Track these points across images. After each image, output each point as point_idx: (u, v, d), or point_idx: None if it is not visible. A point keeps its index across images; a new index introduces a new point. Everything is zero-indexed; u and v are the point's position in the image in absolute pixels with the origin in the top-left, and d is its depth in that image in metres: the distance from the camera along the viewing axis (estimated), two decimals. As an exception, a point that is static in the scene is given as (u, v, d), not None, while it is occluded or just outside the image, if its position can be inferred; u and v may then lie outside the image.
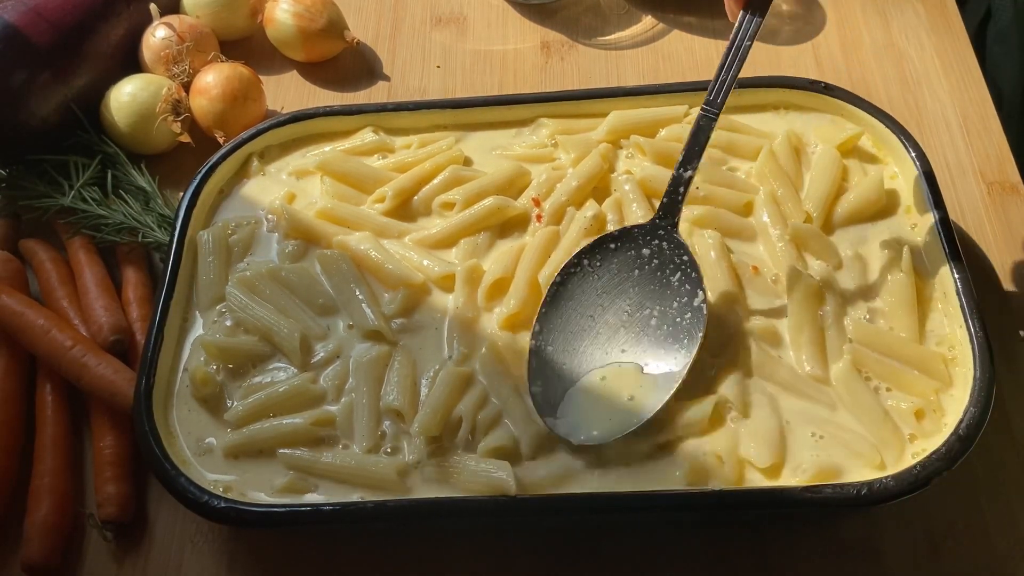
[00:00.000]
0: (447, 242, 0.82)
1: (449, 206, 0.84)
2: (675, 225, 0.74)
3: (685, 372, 0.70)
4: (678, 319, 0.72)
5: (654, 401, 0.69)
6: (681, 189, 0.74)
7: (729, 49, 0.72)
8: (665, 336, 0.72)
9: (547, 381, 0.72)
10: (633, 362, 0.72)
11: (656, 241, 0.74)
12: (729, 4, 0.71)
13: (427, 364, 0.75)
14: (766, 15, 0.71)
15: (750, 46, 0.72)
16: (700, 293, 0.72)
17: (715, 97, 0.73)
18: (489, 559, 0.72)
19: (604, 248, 0.75)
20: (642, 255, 0.74)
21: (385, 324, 0.77)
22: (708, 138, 0.73)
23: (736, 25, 0.72)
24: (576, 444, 0.69)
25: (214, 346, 0.75)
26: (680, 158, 0.74)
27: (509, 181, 0.84)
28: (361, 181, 0.86)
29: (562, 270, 0.75)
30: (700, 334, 0.71)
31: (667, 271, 0.74)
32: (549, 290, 0.74)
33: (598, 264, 0.75)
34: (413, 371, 0.74)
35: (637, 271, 0.74)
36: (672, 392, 0.69)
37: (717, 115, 0.73)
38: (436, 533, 0.74)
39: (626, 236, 0.75)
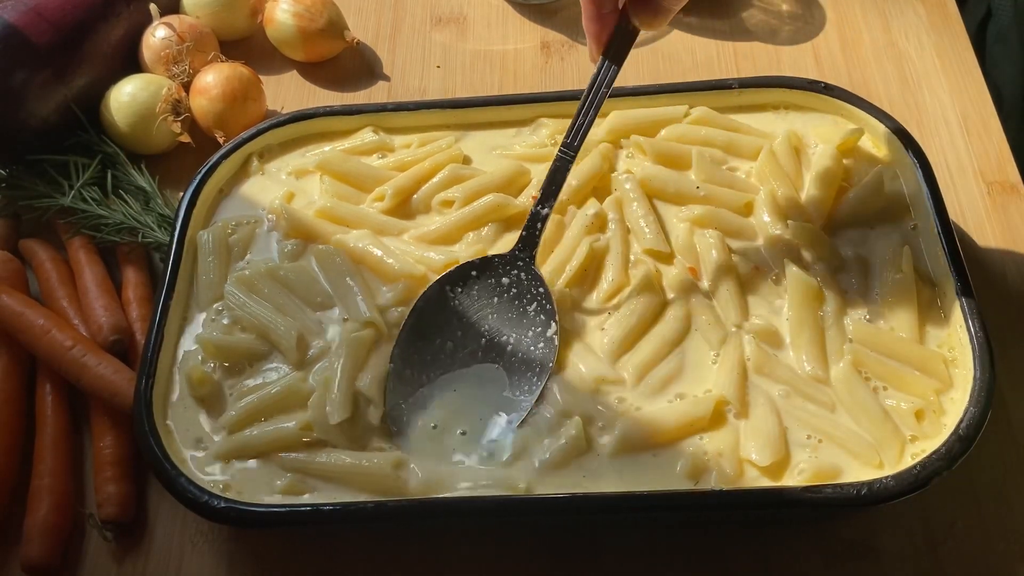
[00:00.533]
0: (447, 239, 0.82)
1: (448, 204, 0.84)
2: (533, 258, 0.76)
3: (532, 402, 0.71)
4: (532, 348, 0.74)
5: (500, 431, 0.71)
6: (539, 225, 0.76)
7: (586, 95, 0.75)
8: (519, 363, 0.73)
9: (401, 404, 0.73)
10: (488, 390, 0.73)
11: (515, 271, 0.76)
12: (590, 46, 0.73)
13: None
14: (622, 66, 0.73)
15: (607, 93, 0.74)
16: (553, 325, 0.74)
17: (572, 140, 0.75)
18: (489, 559, 0.72)
19: (466, 275, 0.77)
20: (502, 284, 0.76)
21: (379, 316, 0.77)
22: (564, 178, 0.76)
23: (595, 71, 0.74)
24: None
25: (211, 344, 0.75)
26: (539, 195, 0.76)
27: (509, 180, 0.84)
28: (361, 180, 0.86)
29: (423, 295, 0.76)
30: (551, 364, 0.73)
31: (524, 301, 0.75)
32: (410, 314, 0.75)
33: (459, 291, 0.76)
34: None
35: (496, 299, 0.76)
36: (517, 423, 0.71)
37: (573, 157, 0.75)
38: (436, 533, 0.74)
39: (487, 265, 0.77)
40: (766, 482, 0.67)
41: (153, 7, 1.00)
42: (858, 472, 0.67)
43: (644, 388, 0.72)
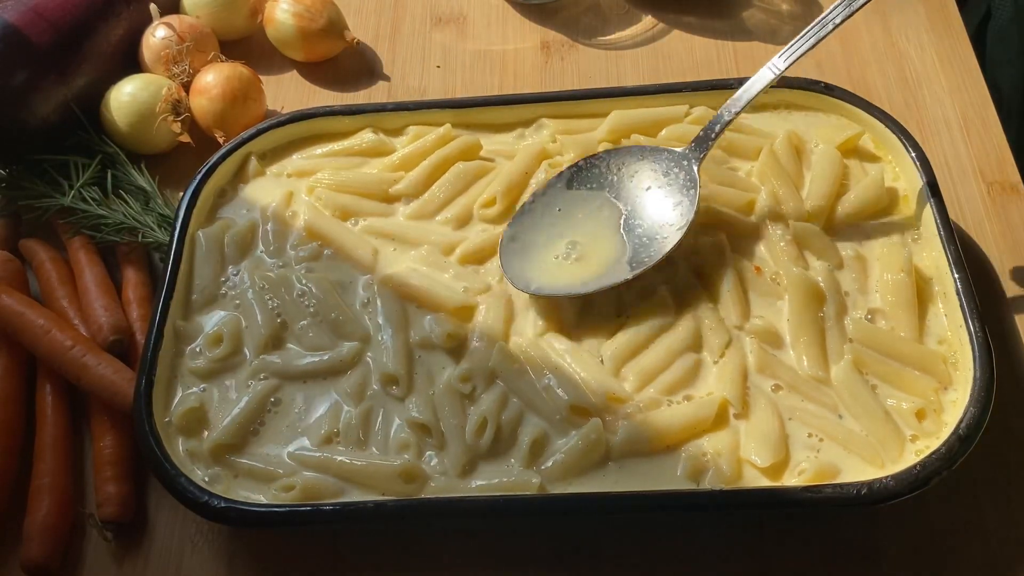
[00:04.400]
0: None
1: (491, 203, 0.83)
2: (699, 160, 0.79)
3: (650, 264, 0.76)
4: (656, 236, 0.77)
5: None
6: (717, 127, 0.79)
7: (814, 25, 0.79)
8: (643, 237, 0.78)
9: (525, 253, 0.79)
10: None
11: (677, 169, 0.79)
12: None
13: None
14: None
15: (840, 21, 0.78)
16: (684, 224, 0.76)
17: (783, 59, 0.79)
18: (490, 558, 0.72)
19: (630, 154, 0.81)
20: (658, 175, 0.80)
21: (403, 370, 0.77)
22: (759, 90, 0.79)
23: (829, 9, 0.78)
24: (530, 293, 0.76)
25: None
26: (729, 101, 0.79)
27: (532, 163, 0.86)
28: (365, 187, 0.86)
29: (586, 159, 0.82)
30: (671, 246, 0.76)
31: (675, 195, 0.79)
32: (565, 172, 0.81)
33: (622, 169, 0.81)
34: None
35: (650, 185, 0.80)
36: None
37: (778, 75, 0.79)
38: (436, 532, 0.74)
39: (655, 152, 0.81)
40: (766, 482, 0.67)
41: (153, 7, 1.00)
42: (859, 472, 0.67)
43: (647, 391, 0.72)
